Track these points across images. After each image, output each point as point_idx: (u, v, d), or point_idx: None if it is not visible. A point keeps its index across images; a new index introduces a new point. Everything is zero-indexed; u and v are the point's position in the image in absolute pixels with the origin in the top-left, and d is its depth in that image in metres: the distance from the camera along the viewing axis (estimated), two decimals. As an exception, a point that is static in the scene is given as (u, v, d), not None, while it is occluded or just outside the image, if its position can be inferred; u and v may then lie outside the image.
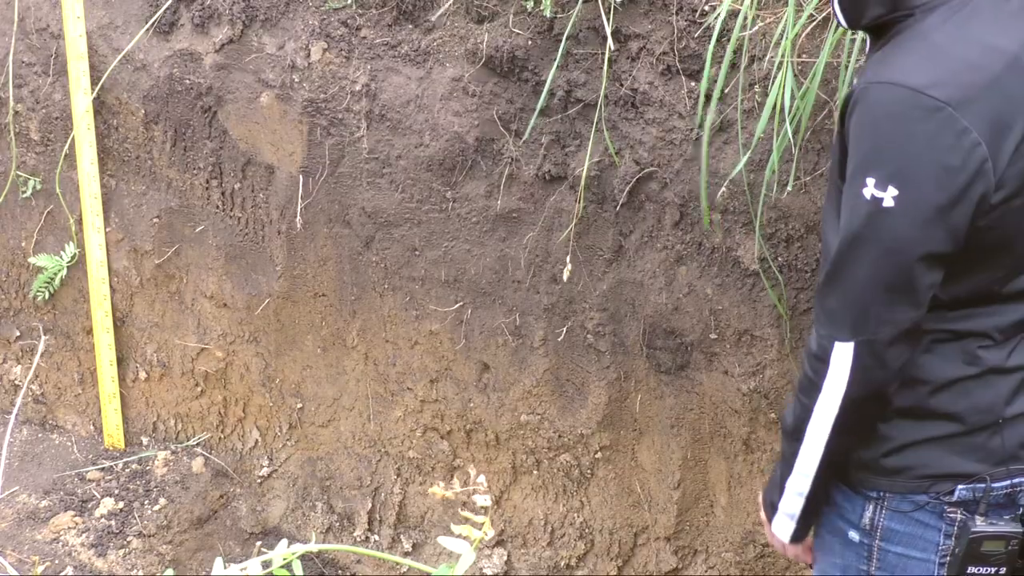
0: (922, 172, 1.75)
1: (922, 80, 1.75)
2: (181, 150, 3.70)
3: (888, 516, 2.08)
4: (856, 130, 1.82)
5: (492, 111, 3.28)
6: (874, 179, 1.78)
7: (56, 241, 3.99)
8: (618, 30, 3.08)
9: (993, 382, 2.00)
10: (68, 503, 3.89)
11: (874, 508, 2.09)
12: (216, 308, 3.87)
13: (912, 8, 1.86)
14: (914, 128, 1.74)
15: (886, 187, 1.77)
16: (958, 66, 1.78)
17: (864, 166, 1.80)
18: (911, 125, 1.74)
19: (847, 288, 1.88)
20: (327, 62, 3.43)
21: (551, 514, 3.69)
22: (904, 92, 1.75)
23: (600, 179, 3.23)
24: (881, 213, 1.78)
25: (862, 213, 1.81)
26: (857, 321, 1.87)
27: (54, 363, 4.21)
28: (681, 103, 3.08)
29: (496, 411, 3.59)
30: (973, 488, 2.02)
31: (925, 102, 1.73)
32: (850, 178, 1.84)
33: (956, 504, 2.03)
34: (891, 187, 1.76)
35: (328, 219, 3.58)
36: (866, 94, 1.80)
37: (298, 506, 4.01)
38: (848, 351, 1.89)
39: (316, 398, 3.88)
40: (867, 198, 1.79)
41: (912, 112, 1.74)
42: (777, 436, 3.25)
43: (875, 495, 2.08)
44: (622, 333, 3.36)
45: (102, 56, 3.69)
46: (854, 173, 1.83)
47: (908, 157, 1.75)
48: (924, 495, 2.04)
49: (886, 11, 1.90)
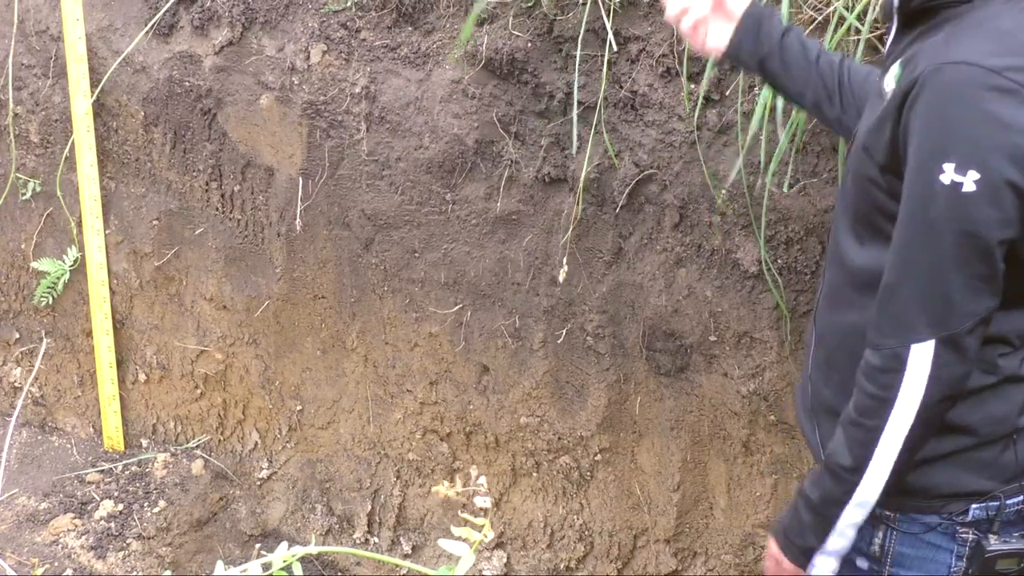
0: (1004, 155, 1.69)
1: (998, 62, 1.70)
2: (181, 152, 3.70)
3: (899, 540, 2.03)
4: (927, 115, 1.75)
5: (492, 113, 3.28)
6: (953, 163, 1.70)
7: (56, 243, 3.99)
8: (618, 32, 3.08)
9: (1008, 392, 1.96)
10: (68, 505, 3.89)
11: (884, 533, 2.04)
12: (216, 310, 3.87)
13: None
14: (994, 109, 1.68)
15: (966, 171, 1.70)
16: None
17: (939, 151, 1.72)
18: (991, 106, 1.69)
19: (926, 282, 1.79)
20: (327, 64, 3.43)
21: (551, 516, 3.69)
22: (981, 72, 1.70)
23: (600, 181, 3.23)
24: (963, 198, 1.71)
25: (940, 201, 1.73)
26: (939, 316, 1.79)
27: (54, 365, 4.21)
28: (681, 105, 3.08)
29: (496, 413, 3.59)
30: (987, 507, 1.98)
31: (1003, 83, 1.68)
32: (917, 168, 1.76)
33: (968, 524, 1.99)
34: (972, 171, 1.70)
35: (328, 221, 3.58)
36: (937, 76, 1.73)
37: (298, 508, 4.01)
38: (927, 351, 1.80)
39: (316, 400, 3.88)
40: (946, 184, 1.71)
41: (990, 93, 1.68)
42: (776, 439, 3.25)
43: (885, 518, 2.03)
44: (622, 335, 3.36)
45: (102, 58, 3.69)
46: (924, 160, 1.75)
47: (989, 139, 1.69)
48: (936, 516, 2.00)
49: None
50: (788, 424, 3.23)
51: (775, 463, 3.29)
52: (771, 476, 3.32)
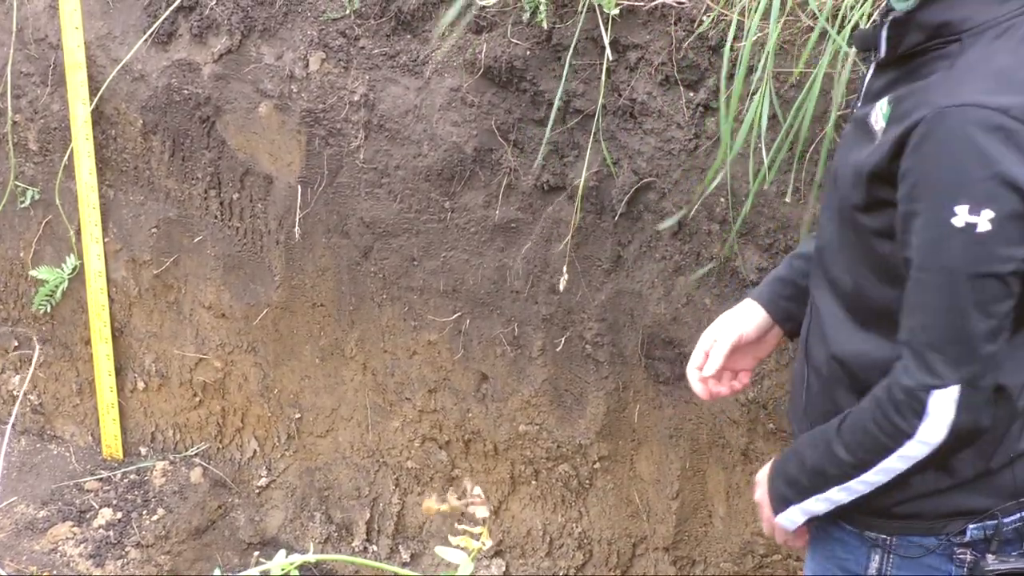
0: (1013, 191, 1.69)
1: (1001, 101, 1.70)
2: (179, 160, 3.71)
3: (896, 564, 2.03)
4: (934, 158, 1.74)
5: (490, 121, 3.28)
6: (967, 205, 1.70)
7: (55, 251, 3.99)
8: (616, 40, 3.09)
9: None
10: (66, 513, 3.89)
11: (881, 557, 2.04)
12: (214, 318, 3.87)
13: (958, 33, 1.81)
14: (1002, 148, 1.69)
15: (980, 211, 1.70)
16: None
17: (950, 193, 1.72)
18: (998, 145, 1.69)
19: (945, 326, 1.78)
20: (325, 72, 3.43)
21: (550, 524, 3.69)
22: (988, 113, 1.70)
23: (599, 189, 3.23)
24: (979, 239, 1.71)
25: (956, 244, 1.72)
26: (962, 359, 1.78)
27: (52, 373, 4.21)
28: (679, 113, 3.08)
29: (494, 421, 3.59)
30: (984, 527, 1.97)
31: (1009, 123, 1.69)
32: (927, 211, 1.75)
33: (966, 545, 1.98)
34: (986, 210, 1.69)
35: (326, 229, 3.58)
36: (942, 120, 1.72)
37: (296, 516, 4.00)
38: (951, 397, 1.79)
39: (314, 408, 3.87)
40: (960, 227, 1.71)
41: (997, 133, 1.69)
42: (775, 447, 3.24)
43: (882, 542, 2.03)
44: (620, 343, 3.36)
45: (100, 66, 3.69)
46: (935, 204, 1.74)
47: (999, 177, 1.69)
48: (933, 538, 1.99)
49: (925, 38, 1.85)
50: (787, 432, 3.23)
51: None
52: (770, 484, 3.32)
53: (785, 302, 2.30)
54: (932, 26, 1.83)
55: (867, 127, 1.91)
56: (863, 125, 1.93)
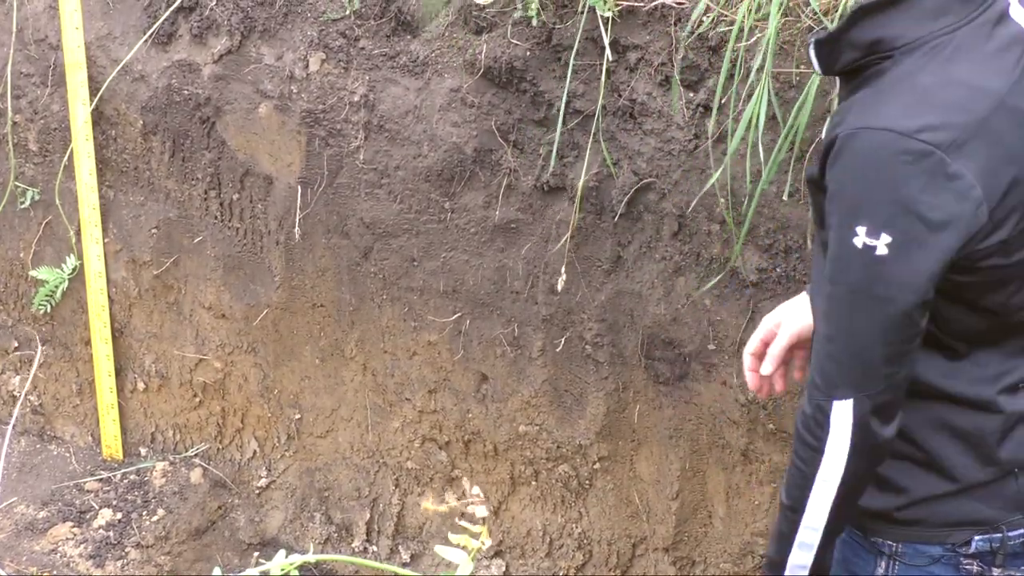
0: (915, 218, 1.69)
1: (911, 124, 1.69)
2: (179, 161, 3.71)
3: (901, 571, 2.02)
4: (842, 177, 1.76)
5: (490, 122, 3.29)
6: (865, 227, 1.71)
7: (55, 252, 3.99)
8: (616, 41, 3.09)
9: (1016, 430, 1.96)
10: (66, 514, 3.89)
11: (887, 564, 2.03)
12: (214, 319, 3.87)
13: (891, 50, 1.80)
14: (905, 173, 1.69)
15: (879, 235, 1.70)
16: (945, 109, 1.72)
17: (853, 214, 1.74)
18: (902, 170, 1.69)
19: (844, 344, 1.81)
20: (325, 73, 3.43)
21: (549, 525, 3.69)
22: (893, 137, 1.69)
23: (598, 190, 3.23)
24: (875, 262, 1.72)
25: (855, 264, 1.75)
26: (858, 378, 1.80)
27: (52, 374, 4.21)
28: (679, 114, 3.08)
29: (494, 422, 3.59)
30: (990, 539, 1.97)
31: (915, 146, 1.68)
32: (836, 227, 1.78)
33: (972, 556, 1.98)
34: (884, 234, 1.70)
35: (326, 230, 3.58)
36: (852, 141, 1.74)
37: (296, 516, 4.00)
38: (847, 408, 1.82)
39: (314, 408, 3.87)
40: (858, 247, 1.72)
41: (902, 157, 1.68)
42: (775, 447, 3.25)
43: (887, 549, 2.02)
44: (620, 344, 3.36)
45: (101, 67, 3.69)
46: (841, 222, 1.76)
47: (900, 203, 1.69)
48: (939, 546, 1.98)
49: (860, 55, 1.84)
50: (787, 433, 3.23)
51: (774, 472, 3.29)
52: (770, 485, 3.32)
53: None
54: (865, 43, 1.82)
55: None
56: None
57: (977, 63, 1.77)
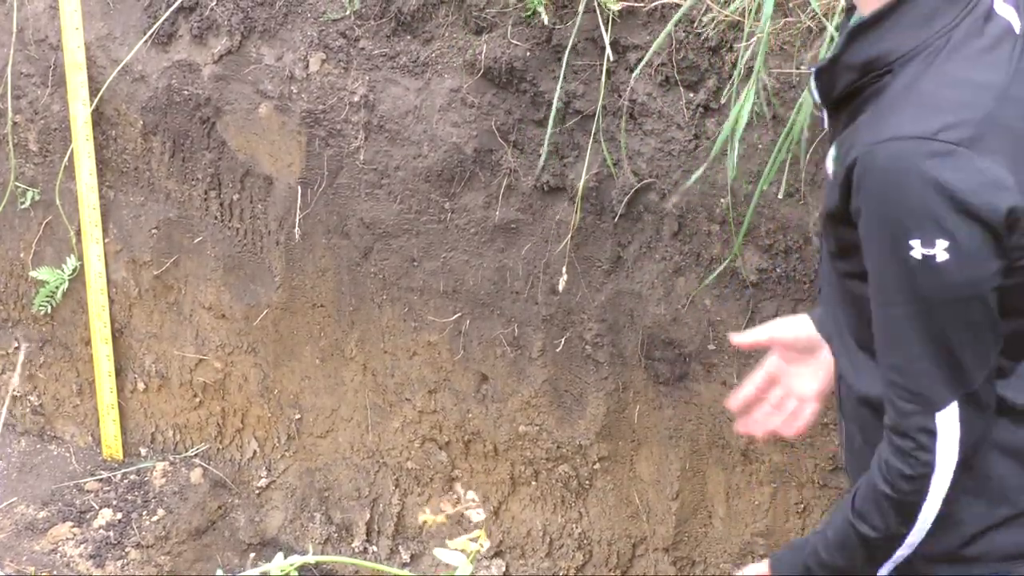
0: (963, 216, 1.66)
1: (927, 127, 1.67)
2: (180, 161, 3.71)
3: None
4: (874, 199, 1.72)
5: (490, 122, 3.29)
6: (919, 239, 1.68)
7: (55, 252, 3.99)
8: (616, 41, 3.09)
9: None
10: (66, 514, 3.89)
11: None
12: (214, 319, 3.87)
13: (889, 64, 1.78)
14: (937, 175, 1.65)
15: (934, 243, 1.67)
16: (956, 108, 1.70)
17: (901, 230, 1.69)
18: (933, 172, 1.66)
19: (932, 354, 1.76)
20: (325, 73, 3.43)
21: (549, 525, 3.69)
22: (913, 143, 1.67)
23: (599, 190, 3.23)
24: (939, 269, 1.68)
25: (920, 275, 1.70)
26: (953, 380, 1.76)
27: (52, 374, 4.21)
28: (679, 114, 3.08)
29: (494, 422, 3.59)
30: None
31: (938, 147, 1.66)
32: (883, 250, 1.74)
33: None
34: (939, 240, 1.67)
35: (326, 230, 3.58)
36: (873, 158, 1.71)
37: (296, 517, 4.00)
38: (952, 415, 1.77)
39: (314, 409, 3.87)
40: (918, 260, 1.68)
41: (928, 161, 1.66)
42: (775, 447, 3.24)
43: None
44: (620, 344, 3.36)
45: (101, 67, 3.69)
46: (889, 242, 1.72)
47: (942, 206, 1.66)
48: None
49: (857, 76, 1.82)
50: (787, 433, 3.23)
51: (774, 472, 3.29)
52: (770, 485, 3.32)
53: None
54: (860, 64, 1.80)
55: (827, 175, 1.91)
56: (826, 172, 1.92)
57: (974, 60, 1.75)
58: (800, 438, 3.21)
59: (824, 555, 1.99)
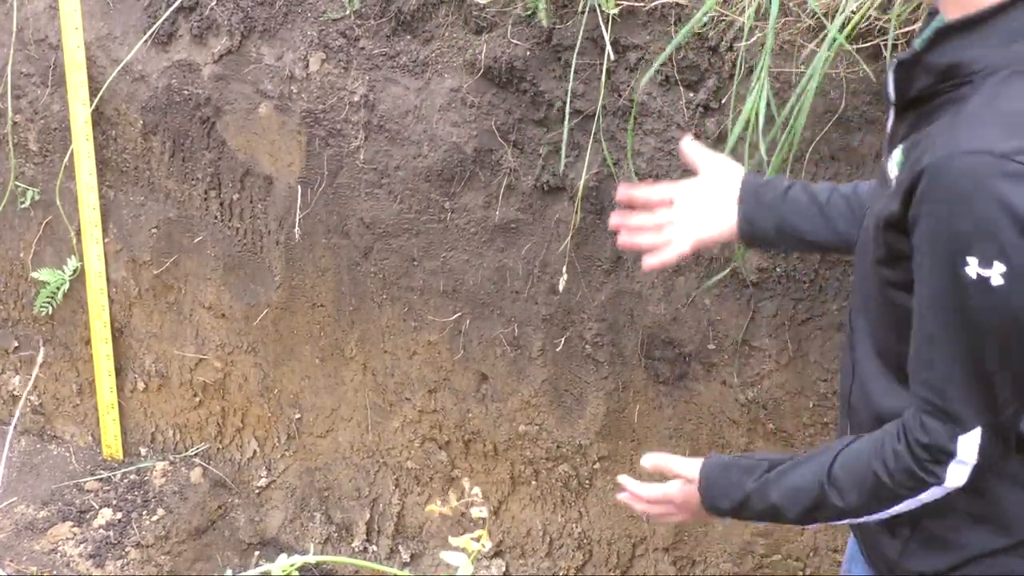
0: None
1: (1006, 147, 1.62)
2: (180, 161, 3.71)
3: None
4: (940, 208, 1.68)
5: (490, 122, 3.29)
6: (977, 258, 1.64)
7: (55, 252, 3.99)
8: (616, 41, 3.09)
9: None
10: (66, 513, 3.89)
11: None
12: (214, 318, 3.87)
13: (970, 75, 1.72)
14: (1009, 197, 1.61)
15: (991, 264, 1.63)
16: None
17: (961, 245, 1.65)
18: (1006, 194, 1.61)
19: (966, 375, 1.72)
20: (325, 73, 3.43)
21: (549, 524, 3.69)
22: (991, 160, 1.62)
23: (599, 190, 3.23)
24: (992, 293, 1.64)
25: (971, 295, 1.66)
26: (982, 407, 1.73)
27: (52, 373, 4.21)
28: (679, 114, 3.08)
29: (494, 421, 3.59)
30: None
31: (1014, 169, 1.61)
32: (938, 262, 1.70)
33: None
34: (997, 263, 1.62)
35: (326, 229, 3.58)
36: (946, 169, 1.66)
37: (296, 516, 4.00)
38: (973, 441, 1.75)
39: (314, 408, 3.88)
40: (972, 279, 1.64)
41: (1003, 181, 1.61)
42: (775, 447, 3.25)
43: None
44: (620, 343, 3.37)
45: (101, 67, 3.69)
46: (946, 255, 1.68)
47: (1008, 228, 1.61)
48: None
49: (935, 80, 1.77)
50: (787, 432, 3.23)
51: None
52: (770, 484, 3.32)
53: (765, 209, 2.21)
54: (941, 69, 1.76)
55: (885, 177, 1.85)
56: (883, 175, 1.87)
57: None
58: (800, 438, 3.22)
59: (774, 495, 1.98)
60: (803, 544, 3.37)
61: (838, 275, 3.04)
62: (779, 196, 2.20)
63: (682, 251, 2.25)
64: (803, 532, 3.34)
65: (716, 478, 2.10)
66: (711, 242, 2.26)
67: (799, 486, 1.95)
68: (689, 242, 2.24)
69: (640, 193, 2.31)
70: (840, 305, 3.06)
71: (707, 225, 2.24)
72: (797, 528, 3.33)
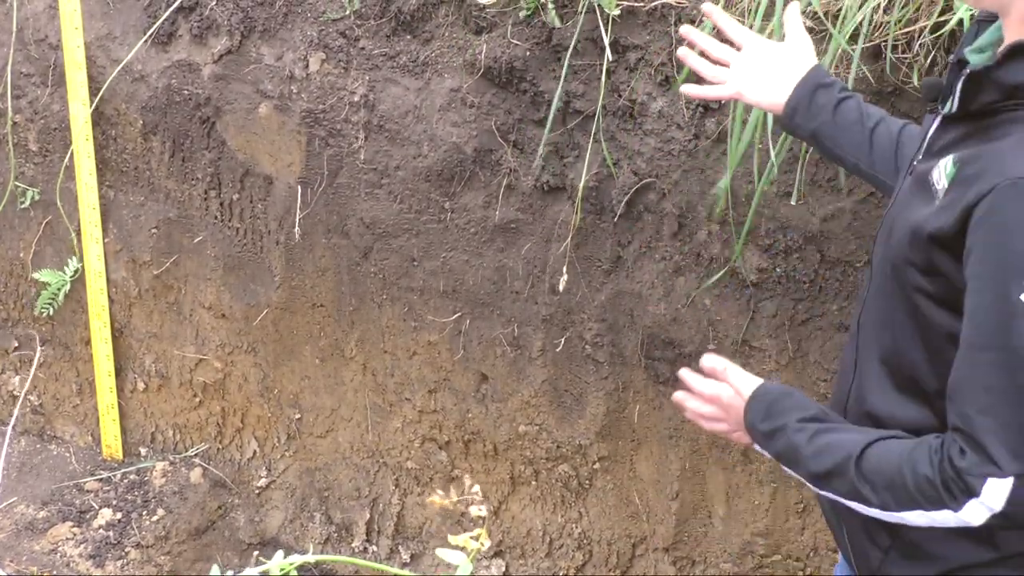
0: None
1: None
2: (179, 161, 3.71)
3: None
4: (1002, 231, 1.64)
5: (490, 122, 3.29)
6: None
7: (55, 252, 3.99)
8: (616, 41, 3.09)
9: None
10: (66, 514, 3.89)
11: None
12: (214, 318, 3.87)
13: None
14: None
15: None
16: None
17: (1017, 270, 1.62)
18: None
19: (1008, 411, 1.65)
20: (325, 73, 3.43)
21: (549, 524, 3.69)
22: None
23: (598, 190, 3.23)
24: None
25: (1017, 324, 1.62)
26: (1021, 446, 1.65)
27: (52, 374, 4.21)
28: (679, 114, 3.08)
29: (494, 421, 3.59)
30: None
31: None
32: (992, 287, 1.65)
33: None
34: None
35: (326, 229, 3.58)
36: (1015, 192, 1.62)
37: (296, 516, 4.00)
38: (1003, 488, 1.66)
39: (314, 408, 3.87)
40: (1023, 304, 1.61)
41: None
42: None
43: None
44: (620, 344, 3.36)
45: (100, 67, 3.69)
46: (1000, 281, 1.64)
47: None
48: None
49: (1000, 97, 1.73)
50: (787, 432, 3.23)
51: (773, 472, 3.29)
52: (769, 485, 3.32)
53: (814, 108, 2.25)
54: (1010, 86, 1.72)
55: (927, 184, 1.81)
56: (923, 181, 1.82)
57: None
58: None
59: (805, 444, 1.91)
60: (803, 544, 3.37)
61: (838, 275, 3.05)
62: (832, 103, 2.24)
63: (723, 94, 2.33)
64: (803, 532, 3.34)
65: (768, 398, 2.03)
66: (753, 104, 2.32)
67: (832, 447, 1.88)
68: (734, 90, 2.31)
69: (724, 21, 2.36)
70: (840, 305, 3.06)
71: (759, 88, 2.30)
72: (797, 528, 3.34)
